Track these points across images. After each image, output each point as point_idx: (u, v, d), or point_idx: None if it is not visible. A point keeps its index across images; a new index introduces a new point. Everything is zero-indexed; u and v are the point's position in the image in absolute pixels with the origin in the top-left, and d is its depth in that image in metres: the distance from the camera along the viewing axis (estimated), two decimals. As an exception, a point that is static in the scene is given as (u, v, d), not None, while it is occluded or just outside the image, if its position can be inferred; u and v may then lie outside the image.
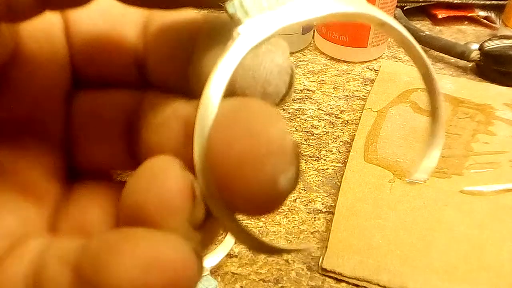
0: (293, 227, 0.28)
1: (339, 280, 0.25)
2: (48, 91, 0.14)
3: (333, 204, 0.30)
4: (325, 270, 0.26)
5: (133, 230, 0.10)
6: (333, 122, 0.37)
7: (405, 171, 0.32)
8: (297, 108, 0.38)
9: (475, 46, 0.43)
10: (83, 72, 0.15)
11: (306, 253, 0.27)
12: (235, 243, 0.27)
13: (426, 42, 0.47)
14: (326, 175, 0.32)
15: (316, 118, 0.37)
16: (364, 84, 0.42)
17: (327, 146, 0.35)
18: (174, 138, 0.12)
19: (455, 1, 0.52)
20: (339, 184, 0.31)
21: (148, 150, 0.13)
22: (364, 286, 0.25)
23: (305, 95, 0.40)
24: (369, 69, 0.44)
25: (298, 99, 0.40)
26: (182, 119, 0.12)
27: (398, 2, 0.45)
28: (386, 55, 0.47)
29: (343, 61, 0.45)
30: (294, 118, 0.37)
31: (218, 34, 0.13)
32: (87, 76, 0.15)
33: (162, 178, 0.10)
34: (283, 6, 0.11)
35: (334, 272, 0.26)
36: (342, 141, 0.35)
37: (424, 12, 0.54)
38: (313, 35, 0.47)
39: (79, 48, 0.14)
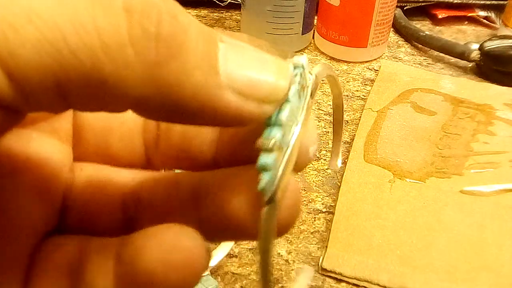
0: (293, 227, 0.28)
1: (339, 280, 0.25)
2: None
3: (333, 204, 0.30)
4: (325, 270, 0.26)
5: (161, 226, 0.13)
6: (333, 122, 0.37)
7: (405, 171, 0.32)
8: (297, 108, 0.38)
9: (475, 46, 0.43)
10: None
11: (306, 253, 0.27)
12: (235, 243, 0.27)
13: (426, 42, 0.47)
14: (326, 175, 0.32)
15: (316, 118, 0.37)
16: (364, 84, 0.42)
17: (327, 146, 0.35)
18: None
19: (455, 1, 0.52)
20: (339, 184, 0.31)
21: None
22: (364, 286, 0.25)
23: (305, 95, 0.40)
24: (369, 69, 0.44)
25: (298, 99, 0.39)
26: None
27: (398, 2, 0.45)
28: (386, 55, 0.47)
29: (343, 61, 0.45)
30: (294, 118, 0.37)
31: None
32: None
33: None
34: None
35: (334, 272, 0.26)
36: (342, 141, 0.35)
37: (424, 12, 0.54)
38: (313, 35, 0.47)
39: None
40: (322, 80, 0.14)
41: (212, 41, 0.11)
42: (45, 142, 0.15)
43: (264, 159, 0.12)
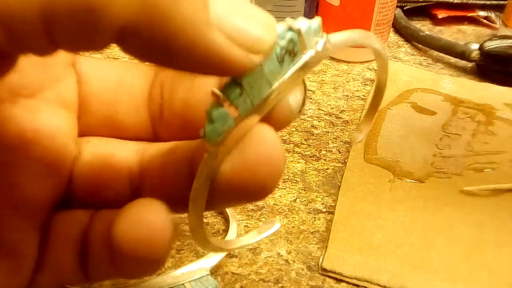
0: (293, 227, 0.28)
1: (339, 280, 0.25)
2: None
3: (333, 204, 0.30)
4: (325, 270, 0.26)
5: (134, 201, 0.13)
6: (333, 122, 0.37)
7: (405, 171, 0.32)
8: (297, 108, 0.38)
9: (475, 46, 0.43)
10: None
11: (306, 253, 0.27)
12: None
13: (426, 42, 0.47)
14: (326, 175, 0.32)
15: (316, 118, 0.37)
16: (364, 84, 0.42)
17: (327, 146, 0.35)
18: None
19: (455, 1, 0.52)
20: (339, 184, 0.31)
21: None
22: (364, 286, 0.25)
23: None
24: (369, 69, 0.44)
25: (298, 99, 0.39)
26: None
27: (398, 2, 0.44)
28: (386, 55, 0.47)
29: (343, 61, 0.45)
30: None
31: None
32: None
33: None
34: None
35: (334, 272, 0.25)
36: (342, 141, 0.35)
37: (424, 12, 0.54)
38: (313, 35, 0.47)
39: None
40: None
41: None
42: (53, 114, 0.15)
43: (209, 109, 0.12)
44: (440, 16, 0.53)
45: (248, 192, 0.13)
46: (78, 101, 0.16)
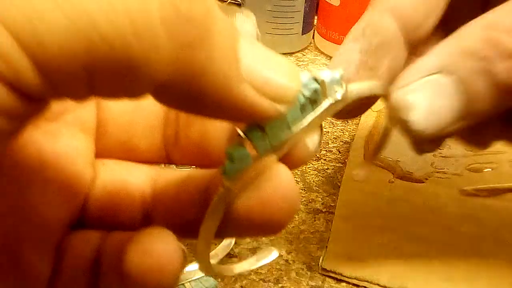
0: (293, 227, 0.28)
1: (339, 280, 0.25)
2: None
3: (333, 204, 0.30)
4: (325, 270, 0.26)
5: (143, 230, 0.13)
6: (333, 122, 0.37)
7: (405, 171, 0.32)
8: (297, 108, 0.38)
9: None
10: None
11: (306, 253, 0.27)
12: (235, 243, 0.27)
13: (426, 42, 0.47)
14: (326, 175, 0.32)
15: (316, 118, 0.37)
16: (364, 84, 0.42)
17: (327, 146, 0.35)
18: None
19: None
20: (339, 184, 0.31)
21: None
22: (364, 286, 0.25)
23: (305, 95, 0.40)
24: (369, 69, 0.44)
25: (298, 99, 0.39)
26: None
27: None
28: (386, 55, 0.47)
29: (343, 61, 0.45)
30: (294, 118, 0.37)
31: None
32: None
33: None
34: None
35: (334, 272, 0.26)
36: (342, 141, 0.35)
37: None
38: (313, 35, 0.47)
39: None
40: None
41: (234, 31, 0.11)
42: (72, 138, 0.16)
43: (231, 149, 0.13)
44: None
45: (261, 228, 0.13)
46: (96, 123, 0.16)
